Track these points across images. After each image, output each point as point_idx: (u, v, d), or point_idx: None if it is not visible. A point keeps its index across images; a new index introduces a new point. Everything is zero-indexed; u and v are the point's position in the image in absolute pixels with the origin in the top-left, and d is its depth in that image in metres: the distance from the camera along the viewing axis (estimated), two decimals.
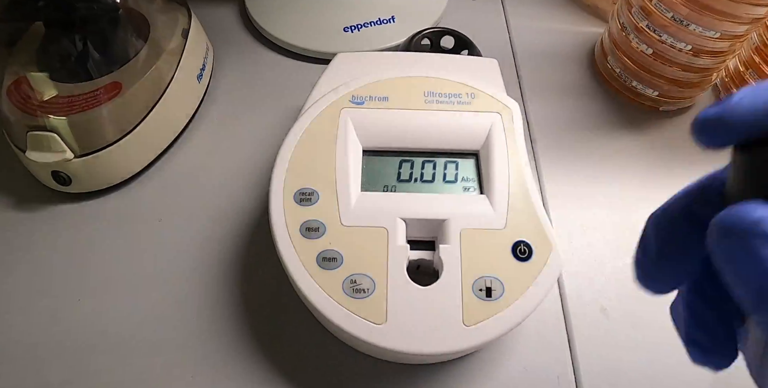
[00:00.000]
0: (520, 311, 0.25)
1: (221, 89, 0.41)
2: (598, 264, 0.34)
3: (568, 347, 0.31)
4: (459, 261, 0.26)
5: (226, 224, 0.34)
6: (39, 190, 0.35)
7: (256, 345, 0.30)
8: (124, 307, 0.31)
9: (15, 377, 0.29)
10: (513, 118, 0.31)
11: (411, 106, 0.31)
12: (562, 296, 0.32)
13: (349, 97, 0.31)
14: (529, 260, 0.26)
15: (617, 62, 0.41)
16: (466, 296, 0.25)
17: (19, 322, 0.31)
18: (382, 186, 0.29)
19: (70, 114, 0.32)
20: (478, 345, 0.25)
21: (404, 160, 0.30)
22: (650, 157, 0.39)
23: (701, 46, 0.36)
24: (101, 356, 0.29)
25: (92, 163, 0.33)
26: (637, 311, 0.32)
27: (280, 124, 0.39)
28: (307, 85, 0.33)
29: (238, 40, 0.44)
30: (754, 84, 0.14)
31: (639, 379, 0.30)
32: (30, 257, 0.33)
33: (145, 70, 0.34)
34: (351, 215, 0.27)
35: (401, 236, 0.27)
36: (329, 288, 0.25)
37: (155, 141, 0.36)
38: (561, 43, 0.46)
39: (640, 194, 0.37)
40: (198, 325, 0.31)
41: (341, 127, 0.30)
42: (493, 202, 0.28)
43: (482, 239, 0.27)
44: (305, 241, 0.26)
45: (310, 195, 0.27)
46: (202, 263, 0.33)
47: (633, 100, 0.41)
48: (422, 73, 0.32)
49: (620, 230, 0.35)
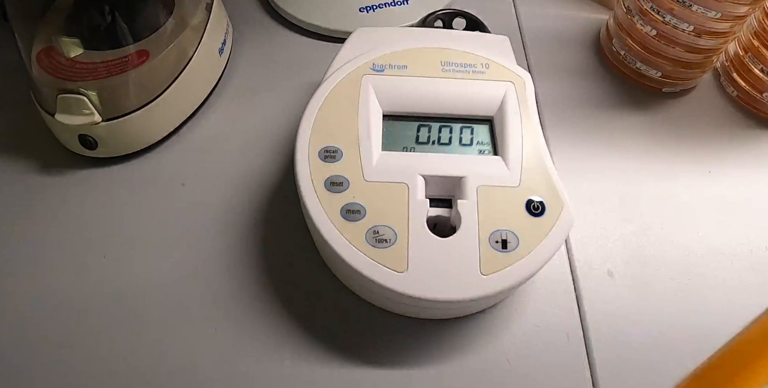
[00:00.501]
0: (534, 262, 0.26)
1: (240, 64, 0.42)
2: (604, 231, 0.35)
3: (577, 307, 0.32)
4: (476, 215, 0.27)
5: (246, 188, 0.35)
6: (65, 155, 0.36)
7: (276, 301, 0.31)
8: (149, 264, 0.32)
9: (44, 329, 0.30)
10: (525, 87, 0.32)
11: (429, 74, 0.32)
12: (571, 261, 0.34)
13: (370, 64, 0.32)
14: (542, 215, 0.28)
15: (622, 45, 0.43)
16: (483, 248, 0.26)
17: (47, 279, 0.32)
18: (402, 147, 0.30)
19: (99, 78, 0.33)
20: (494, 293, 0.26)
21: (422, 125, 0.31)
22: (653, 135, 0.41)
23: (703, 27, 0.38)
24: (125, 310, 0.31)
25: (118, 128, 0.35)
26: (642, 274, 0.33)
27: (298, 98, 0.40)
28: (324, 62, 0.35)
29: (256, 19, 0.46)
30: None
31: (644, 336, 0.31)
32: (56, 218, 0.34)
33: (171, 41, 0.36)
34: (373, 171, 0.28)
35: (421, 192, 0.28)
36: (353, 238, 0.26)
37: (179, 109, 0.37)
38: (568, 28, 0.48)
39: (642, 168, 0.38)
40: (220, 282, 0.32)
41: (363, 91, 0.31)
42: (507, 162, 0.29)
43: (498, 195, 0.28)
44: (330, 194, 0.27)
45: (334, 153, 0.29)
46: (224, 224, 0.34)
47: (637, 81, 0.43)
48: (439, 46, 0.34)
49: (624, 200, 0.37)
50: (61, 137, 0.36)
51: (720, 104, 0.43)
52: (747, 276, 0.34)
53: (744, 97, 0.43)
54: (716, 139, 0.41)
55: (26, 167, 0.36)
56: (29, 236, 0.33)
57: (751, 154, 0.40)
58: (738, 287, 0.33)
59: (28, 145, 0.37)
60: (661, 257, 0.34)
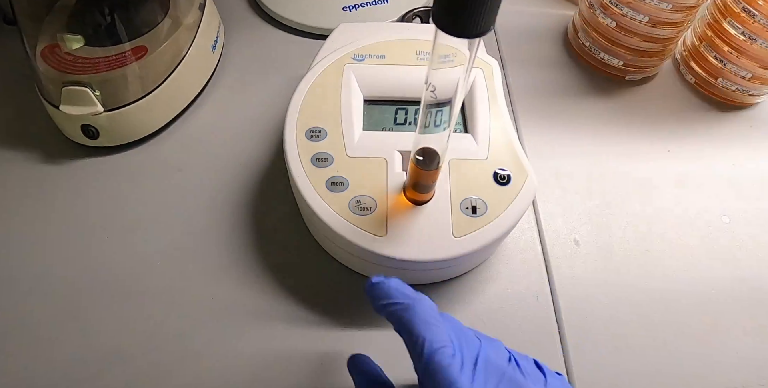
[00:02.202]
0: (502, 226, 0.29)
1: (232, 60, 0.45)
2: (570, 205, 0.38)
3: (546, 272, 0.35)
4: (448, 185, 0.30)
5: (239, 172, 0.38)
6: (68, 145, 0.39)
7: (267, 271, 0.34)
8: (148, 243, 0.35)
9: (50, 304, 0.32)
10: (493, 73, 0.35)
11: (405, 63, 0.35)
12: (540, 231, 0.37)
13: (352, 54, 0.35)
14: (508, 184, 0.30)
15: (587, 37, 0.46)
16: (455, 213, 0.29)
17: (52, 259, 0.34)
18: (381, 127, 0.33)
19: (101, 72, 0.36)
20: (466, 253, 0.29)
21: (399, 108, 0.34)
22: (616, 119, 0.44)
23: (657, 18, 0.41)
24: (126, 284, 0.33)
25: (118, 118, 0.37)
26: (605, 242, 0.36)
27: (284, 90, 0.43)
28: (309, 58, 0.38)
29: (246, 18, 0.49)
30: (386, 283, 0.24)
31: (607, 297, 0.34)
32: (60, 204, 0.36)
33: (167, 38, 0.38)
34: (355, 147, 0.31)
35: (398, 165, 0.31)
36: (337, 207, 0.29)
37: (175, 100, 0.40)
38: (537, 23, 0.51)
39: (606, 149, 0.42)
40: (216, 255, 0.34)
41: (345, 79, 0.34)
42: (476, 138, 0.32)
43: (467, 167, 0.31)
44: (316, 169, 0.30)
45: (319, 132, 0.31)
46: (218, 205, 0.36)
47: (601, 70, 0.46)
48: (414, 38, 0.37)
49: (590, 177, 0.40)
50: (65, 128, 0.38)
51: (679, 90, 0.46)
52: (702, 242, 0.37)
53: (701, 83, 0.46)
54: (675, 121, 0.44)
55: (31, 157, 0.39)
56: (35, 220, 0.36)
57: (706, 134, 0.43)
58: (693, 252, 0.36)
59: (33, 137, 0.40)
60: (622, 228, 0.37)
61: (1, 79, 0.43)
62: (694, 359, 0.32)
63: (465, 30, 0.18)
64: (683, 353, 0.32)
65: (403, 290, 0.24)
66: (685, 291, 0.35)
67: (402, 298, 0.24)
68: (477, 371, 0.22)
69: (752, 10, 0.40)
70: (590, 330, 0.33)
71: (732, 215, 0.38)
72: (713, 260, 0.36)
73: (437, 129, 0.25)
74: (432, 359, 0.21)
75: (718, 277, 0.35)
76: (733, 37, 0.42)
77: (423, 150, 0.26)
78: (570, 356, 0.31)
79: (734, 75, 0.43)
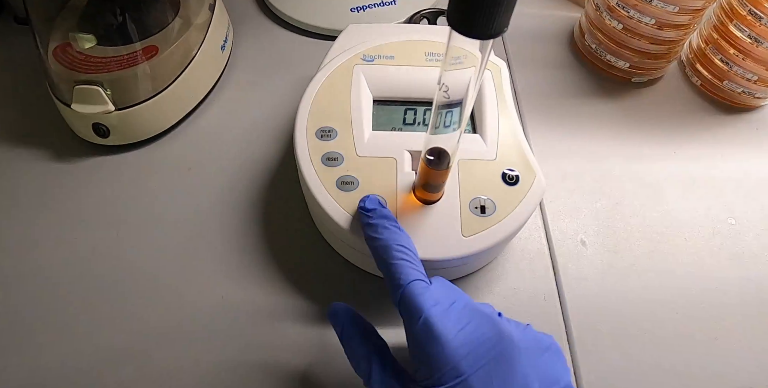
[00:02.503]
0: (510, 226, 0.30)
1: (241, 60, 0.46)
2: (577, 206, 0.38)
3: (552, 272, 0.35)
4: (457, 185, 0.30)
5: (248, 171, 0.38)
6: (79, 144, 0.39)
7: (275, 269, 0.34)
8: (159, 240, 0.35)
9: (63, 297, 0.32)
10: (501, 74, 0.35)
11: (414, 63, 0.35)
12: (547, 231, 0.37)
13: (361, 55, 0.35)
14: (516, 185, 0.31)
15: (593, 39, 0.46)
16: (464, 213, 0.30)
17: (64, 254, 0.34)
18: (390, 127, 0.33)
19: (112, 71, 0.36)
20: (474, 253, 0.29)
21: (408, 109, 0.34)
22: (622, 121, 0.44)
23: (664, 20, 0.41)
24: (137, 279, 0.33)
25: (129, 117, 0.38)
26: (611, 243, 0.36)
27: (293, 90, 0.44)
28: (317, 58, 0.38)
29: (255, 19, 0.49)
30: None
31: (614, 297, 0.34)
32: (72, 201, 0.37)
33: (177, 38, 0.39)
34: (365, 147, 0.31)
35: (408, 165, 0.31)
36: (347, 206, 0.29)
37: (185, 100, 0.41)
38: (544, 25, 0.51)
39: (613, 150, 0.42)
40: (225, 253, 0.34)
41: (354, 79, 0.34)
42: (485, 139, 0.32)
43: (476, 167, 0.31)
44: (326, 168, 0.30)
45: (329, 132, 0.32)
46: (227, 203, 0.37)
47: (608, 72, 0.47)
48: (423, 39, 0.37)
49: (596, 179, 0.40)
50: (76, 126, 0.39)
51: (685, 92, 0.47)
52: (707, 244, 0.37)
53: (707, 86, 0.46)
54: (681, 123, 0.44)
55: (43, 155, 0.39)
56: (46, 218, 0.36)
57: (712, 136, 0.44)
58: (699, 254, 0.37)
59: (44, 135, 0.40)
60: (629, 229, 0.37)
61: (13, 78, 0.44)
62: (701, 359, 0.32)
63: (480, 31, 0.19)
64: (690, 353, 0.32)
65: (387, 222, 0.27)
66: (692, 292, 0.35)
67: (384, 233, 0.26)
68: (454, 307, 0.24)
69: (758, 13, 0.40)
70: (597, 330, 0.33)
71: (738, 217, 0.39)
72: (720, 262, 0.36)
73: (448, 129, 0.25)
74: (407, 288, 0.24)
75: (724, 278, 0.36)
76: (739, 39, 0.42)
77: (434, 150, 0.27)
78: (577, 355, 0.32)
79: (740, 77, 0.43)
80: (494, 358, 0.22)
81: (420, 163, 0.28)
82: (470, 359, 0.22)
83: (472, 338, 0.22)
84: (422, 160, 0.27)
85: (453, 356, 0.22)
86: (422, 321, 0.23)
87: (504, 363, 0.22)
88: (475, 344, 0.22)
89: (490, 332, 0.23)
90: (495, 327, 0.23)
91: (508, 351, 0.22)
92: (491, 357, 0.22)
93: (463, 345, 0.22)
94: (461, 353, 0.22)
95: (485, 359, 0.22)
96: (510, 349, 0.22)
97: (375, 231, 0.26)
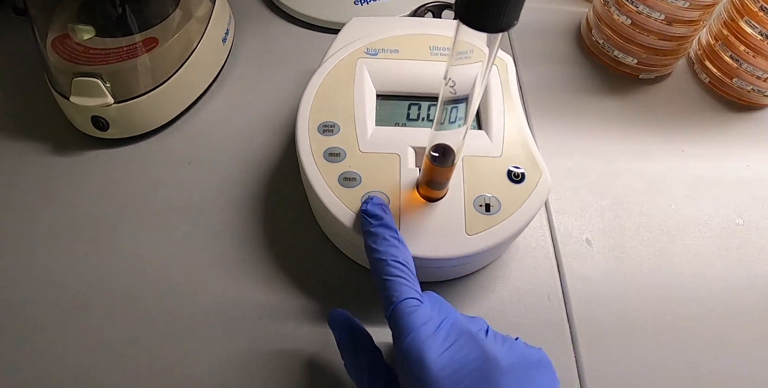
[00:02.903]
0: (515, 224, 0.29)
1: (242, 53, 0.45)
2: (582, 204, 0.38)
3: (557, 271, 0.34)
4: (462, 182, 0.30)
5: (248, 165, 0.38)
6: (78, 137, 0.39)
7: (276, 265, 0.33)
8: (157, 235, 0.34)
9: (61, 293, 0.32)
10: (507, 70, 0.35)
11: (419, 58, 0.35)
12: (552, 230, 0.36)
13: (365, 48, 0.35)
14: (522, 182, 0.30)
15: (600, 34, 0.46)
16: (468, 211, 0.29)
17: (63, 249, 0.34)
18: (394, 123, 0.33)
19: (111, 63, 0.36)
20: (479, 251, 0.28)
21: (412, 104, 0.34)
22: (629, 118, 0.43)
23: (674, 16, 0.40)
24: (136, 274, 0.33)
25: (129, 110, 0.37)
26: (617, 242, 0.36)
27: (295, 84, 0.43)
28: (319, 52, 0.37)
29: (256, 11, 0.49)
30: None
31: (619, 297, 0.34)
32: (70, 195, 0.36)
33: (178, 29, 0.38)
34: (368, 143, 0.31)
35: (411, 161, 0.30)
36: (350, 203, 0.29)
37: (185, 93, 0.40)
38: (550, 20, 0.50)
39: (619, 148, 0.41)
40: (225, 249, 0.34)
41: (358, 73, 0.34)
42: (490, 135, 0.32)
43: (481, 164, 0.30)
44: (328, 164, 0.30)
45: (331, 127, 0.31)
46: (227, 198, 0.36)
47: (615, 68, 0.46)
48: (428, 32, 0.36)
49: (602, 176, 0.39)
50: (75, 119, 0.38)
51: (693, 90, 0.46)
52: (714, 244, 0.36)
53: (715, 83, 0.45)
54: (689, 121, 0.44)
55: (41, 148, 0.38)
56: (46, 211, 0.35)
57: (721, 135, 0.43)
58: (706, 254, 0.36)
59: (42, 128, 0.39)
60: (635, 228, 0.37)
61: (11, 70, 0.43)
62: (706, 360, 0.32)
63: (489, 24, 0.18)
64: (695, 354, 0.32)
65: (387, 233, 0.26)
66: (698, 292, 0.34)
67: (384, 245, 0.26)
68: (441, 327, 0.24)
69: None
70: (601, 330, 0.32)
71: (746, 217, 0.38)
72: (726, 262, 0.36)
73: (453, 125, 0.25)
74: (398, 306, 0.24)
75: (730, 278, 0.35)
76: (750, 36, 0.41)
77: (439, 146, 0.26)
78: (581, 355, 0.31)
79: (750, 75, 0.43)
80: (476, 380, 0.22)
81: (424, 160, 0.27)
82: (452, 381, 0.22)
83: (456, 359, 0.23)
84: (427, 157, 0.27)
85: (435, 377, 0.22)
86: (408, 341, 0.23)
87: (486, 385, 0.22)
88: (458, 366, 0.22)
89: (473, 353, 0.23)
90: (479, 348, 0.23)
91: (491, 372, 0.22)
92: (474, 379, 0.22)
93: (446, 367, 0.22)
94: (444, 375, 0.22)
95: (468, 380, 0.22)
96: (493, 370, 0.22)
97: (374, 242, 0.26)
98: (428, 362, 0.22)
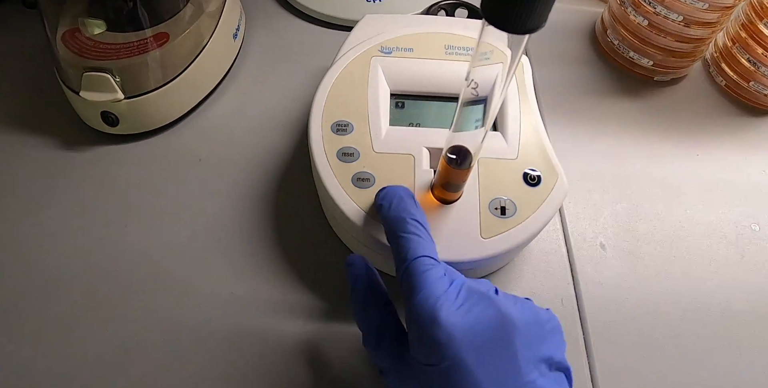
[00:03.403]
0: (531, 228, 0.29)
1: (253, 49, 0.44)
2: (597, 208, 0.37)
3: (571, 276, 0.34)
4: (477, 184, 0.29)
5: (259, 163, 0.37)
6: (88, 132, 0.38)
7: (286, 265, 0.33)
8: (167, 232, 0.34)
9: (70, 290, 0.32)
10: (523, 70, 0.34)
11: (433, 56, 0.34)
12: (566, 233, 0.36)
13: (379, 47, 0.34)
14: (538, 185, 0.30)
15: (616, 35, 0.45)
16: (483, 214, 0.29)
17: (72, 244, 0.33)
18: (408, 123, 0.32)
19: (122, 58, 0.35)
20: (493, 255, 0.28)
21: (428, 104, 0.33)
22: (644, 121, 0.43)
23: (692, 17, 0.40)
24: (145, 272, 0.32)
25: (139, 105, 0.37)
26: (632, 247, 0.35)
27: (306, 81, 0.42)
28: (332, 49, 0.37)
29: (267, 7, 0.48)
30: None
31: (633, 302, 0.33)
32: (79, 191, 0.36)
33: (189, 25, 0.38)
34: (382, 143, 0.30)
35: (426, 162, 0.30)
36: (363, 204, 0.28)
37: (196, 89, 0.39)
38: (565, 20, 0.50)
39: (634, 150, 0.41)
40: (235, 247, 0.34)
41: (372, 71, 0.33)
42: (506, 137, 0.31)
43: (497, 167, 0.30)
44: (341, 164, 0.29)
45: (345, 126, 0.31)
46: (237, 196, 0.36)
47: (630, 70, 0.45)
48: (443, 31, 0.36)
49: (617, 179, 0.39)
50: (85, 115, 0.38)
51: (709, 93, 0.45)
52: (730, 250, 0.36)
53: (732, 86, 0.45)
54: (704, 125, 0.43)
55: (50, 144, 0.38)
56: (55, 207, 0.35)
57: (737, 139, 0.42)
58: (721, 260, 0.35)
59: (52, 123, 0.39)
60: (650, 232, 0.36)
61: (21, 64, 0.43)
62: (722, 367, 0.31)
63: (518, 25, 0.17)
64: (709, 361, 0.31)
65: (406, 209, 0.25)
66: (713, 299, 0.34)
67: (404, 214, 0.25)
68: (455, 285, 0.23)
69: None
70: (615, 335, 0.32)
71: (762, 223, 0.37)
72: (742, 268, 0.35)
73: (472, 127, 0.24)
74: (413, 263, 0.23)
75: (746, 285, 0.34)
76: None
77: (456, 148, 0.25)
78: (594, 360, 0.31)
79: (767, 78, 0.42)
80: (491, 338, 0.21)
81: (440, 162, 0.27)
82: (467, 340, 0.21)
83: (470, 317, 0.22)
84: (443, 159, 0.26)
85: (449, 335, 0.21)
86: (420, 297, 0.22)
87: (501, 344, 0.21)
88: (473, 323, 0.21)
89: (488, 311, 0.22)
90: (494, 306, 0.22)
91: (506, 331, 0.22)
92: (488, 337, 0.21)
93: (460, 324, 0.21)
94: (458, 333, 0.21)
95: (481, 338, 0.21)
96: (509, 328, 0.22)
97: (391, 202, 0.25)
98: (441, 320, 0.21)
